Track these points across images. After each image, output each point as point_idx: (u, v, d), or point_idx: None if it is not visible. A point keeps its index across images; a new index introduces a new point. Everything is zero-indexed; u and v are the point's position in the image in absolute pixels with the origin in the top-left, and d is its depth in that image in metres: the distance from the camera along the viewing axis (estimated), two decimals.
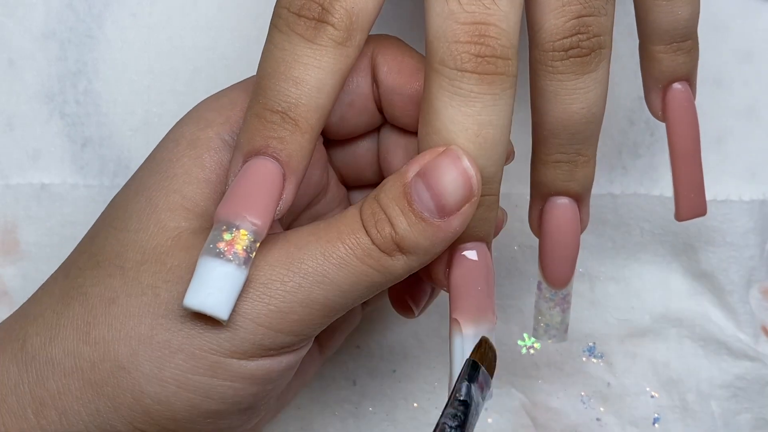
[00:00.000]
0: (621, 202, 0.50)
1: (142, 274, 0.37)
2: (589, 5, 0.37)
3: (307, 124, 0.36)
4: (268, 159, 0.36)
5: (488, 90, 0.36)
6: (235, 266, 0.35)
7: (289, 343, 0.37)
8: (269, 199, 0.36)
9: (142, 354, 0.36)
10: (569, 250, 0.42)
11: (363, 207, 0.37)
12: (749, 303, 0.50)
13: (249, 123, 0.36)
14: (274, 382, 0.38)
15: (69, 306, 0.37)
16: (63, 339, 0.37)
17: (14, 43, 0.50)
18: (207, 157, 0.39)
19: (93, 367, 0.36)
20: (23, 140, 0.50)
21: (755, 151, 0.51)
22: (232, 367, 0.36)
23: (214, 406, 0.36)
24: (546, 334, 0.44)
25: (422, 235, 0.36)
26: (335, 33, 0.36)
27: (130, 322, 0.36)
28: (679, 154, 0.43)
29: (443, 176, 0.36)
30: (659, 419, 0.50)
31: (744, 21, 0.50)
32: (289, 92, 0.36)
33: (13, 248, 0.50)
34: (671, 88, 0.42)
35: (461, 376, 0.36)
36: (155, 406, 0.36)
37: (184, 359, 0.36)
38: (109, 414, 0.36)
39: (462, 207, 0.36)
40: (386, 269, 0.36)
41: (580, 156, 0.40)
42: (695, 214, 0.44)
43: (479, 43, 0.35)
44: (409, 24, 0.50)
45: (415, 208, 0.36)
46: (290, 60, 0.36)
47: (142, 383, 0.36)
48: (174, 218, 0.38)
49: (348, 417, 0.50)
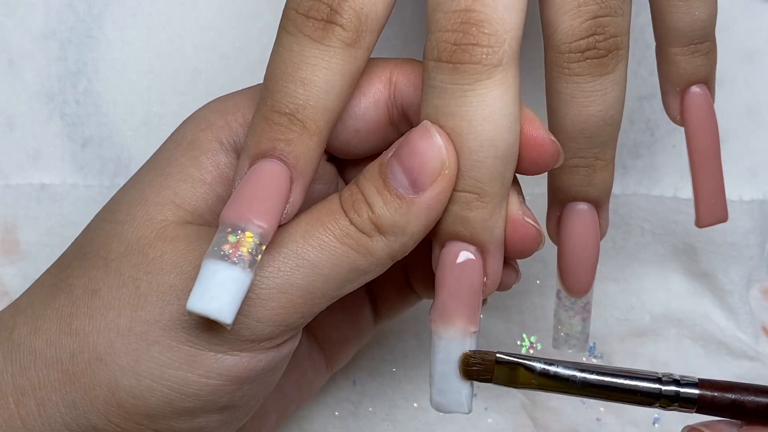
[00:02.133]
0: (621, 202, 0.50)
1: (124, 266, 0.36)
2: (605, 5, 0.37)
3: (315, 126, 0.35)
4: (275, 161, 0.36)
5: (460, 80, 0.35)
6: (240, 269, 0.34)
7: (269, 334, 0.36)
8: (276, 201, 0.35)
9: (119, 346, 0.36)
10: (589, 258, 0.41)
11: (342, 192, 0.37)
12: (749, 303, 0.50)
13: (256, 125, 0.36)
14: (252, 382, 0.37)
15: (55, 297, 0.37)
16: (47, 330, 0.37)
17: (14, 43, 0.50)
18: (204, 158, 0.38)
19: (72, 358, 0.36)
20: (23, 140, 0.50)
21: (756, 151, 0.51)
22: (208, 362, 0.35)
23: (188, 402, 0.36)
24: (566, 344, 0.43)
25: (398, 212, 0.36)
26: (344, 34, 0.35)
27: (110, 314, 0.36)
28: (699, 159, 0.42)
29: (414, 149, 0.36)
30: (659, 419, 0.50)
31: (745, 21, 0.50)
32: (296, 93, 0.35)
33: (13, 248, 0.50)
34: (689, 92, 0.41)
35: None
36: (130, 400, 0.36)
37: (161, 352, 0.35)
38: (85, 407, 0.36)
39: (435, 180, 0.36)
40: (367, 250, 0.36)
41: (598, 160, 0.39)
42: (716, 220, 0.43)
43: (458, 31, 0.35)
44: (409, 24, 0.50)
45: (390, 185, 0.36)
46: (298, 61, 0.35)
47: (117, 376, 0.35)
48: (162, 212, 0.37)
49: (348, 417, 0.50)
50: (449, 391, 0.38)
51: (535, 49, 0.40)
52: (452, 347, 0.37)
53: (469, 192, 0.36)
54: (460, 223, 0.37)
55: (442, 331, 0.37)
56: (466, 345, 0.37)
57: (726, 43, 0.50)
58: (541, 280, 0.50)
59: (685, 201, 0.50)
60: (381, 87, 0.39)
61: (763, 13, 0.50)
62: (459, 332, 0.37)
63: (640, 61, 0.50)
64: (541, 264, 0.50)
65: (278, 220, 0.35)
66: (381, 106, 0.39)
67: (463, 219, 0.36)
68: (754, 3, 0.50)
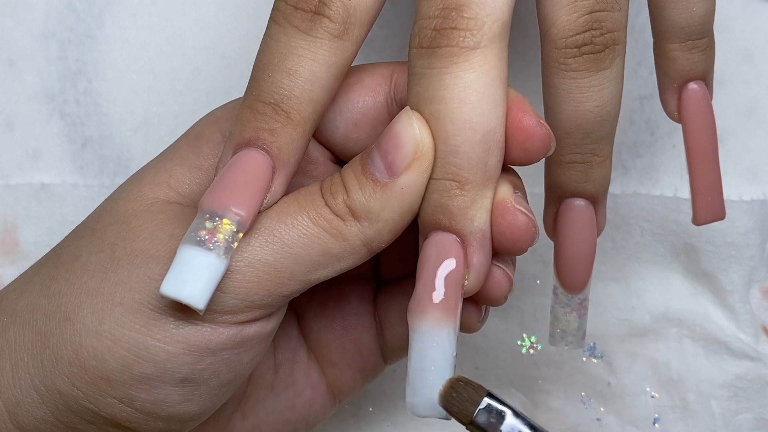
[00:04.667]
0: (621, 202, 0.50)
1: (107, 234, 0.37)
2: (602, 0, 0.36)
3: (299, 116, 0.36)
4: (257, 151, 0.36)
5: (436, 63, 0.35)
6: (216, 255, 0.34)
7: (231, 307, 0.36)
8: (255, 190, 0.35)
9: (86, 306, 0.36)
10: (585, 254, 0.40)
11: (324, 180, 0.37)
12: (749, 303, 0.50)
13: (241, 114, 0.36)
14: (213, 356, 0.36)
15: (43, 264, 0.38)
16: (30, 293, 0.37)
17: (14, 43, 0.50)
18: (205, 147, 0.39)
19: (45, 319, 0.36)
20: (23, 140, 0.50)
21: (756, 151, 0.51)
22: (167, 327, 0.35)
23: (146, 368, 0.35)
24: (563, 341, 0.42)
25: (372, 197, 0.36)
26: (331, 26, 0.36)
27: (84, 276, 0.36)
28: (697, 156, 0.42)
29: (391, 133, 0.36)
30: (659, 419, 0.50)
31: (745, 21, 0.50)
32: (281, 84, 0.36)
33: (13, 248, 0.50)
34: (687, 88, 0.41)
35: None
36: (91, 362, 0.36)
37: (123, 313, 0.35)
38: (51, 368, 0.36)
39: (410, 165, 0.36)
40: (340, 234, 0.36)
41: (595, 156, 0.38)
42: (714, 217, 0.42)
43: (439, 17, 0.35)
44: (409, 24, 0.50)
45: (367, 170, 0.36)
46: (285, 51, 0.36)
47: (81, 335, 0.36)
48: (154, 191, 0.38)
49: (348, 417, 0.50)
50: (423, 390, 0.36)
51: (535, 48, 0.40)
52: (426, 340, 0.36)
53: (449, 180, 0.36)
54: (440, 211, 0.36)
55: (416, 322, 0.36)
56: (442, 339, 0.36)
57: (726, 42, 0.50)
58: (541, 279, 0.50)
59: (685, 201, 0.50)
60: (382, 82, 0.39)
61: (762, 13, 0.50)
62: (433, 324, 0.36)
63: (641, 60, 0.50)
64: (541, 264, 0.50)
65: (257, 209, 0.35)
66: (381, 100, 0.39)
67: (442, 207, 0.36)
68: (753, 3, 0.50)
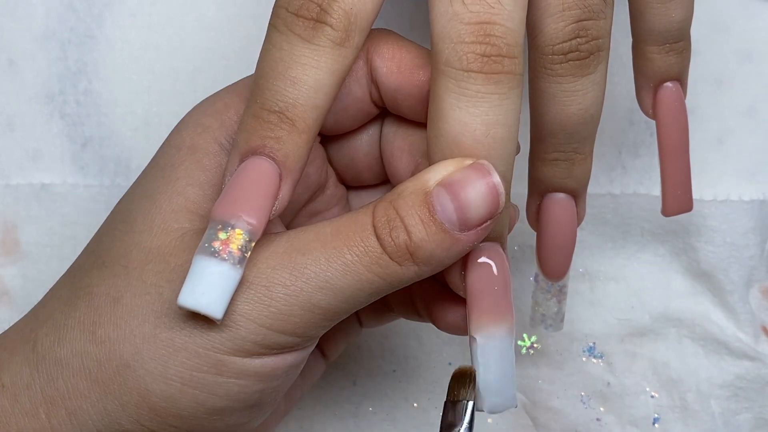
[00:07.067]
0: (621, 201, 0.50)
1: (146, 274, 0.37)
2: (588, 9, 0.37)
3: (304, 124, 0.36)
4: (264, 159, 0.36)
5: (495, 89, 0.36)
6: (230, 265, 0.35)
7: (291, 343, 0.37)
8: (265, 198, 0.36)
9: (146, 352, 0.36)
10: (566, 244, 0.43)
11: (376, 212, 0.36)
12: (749, 303, 0.50)
13: (246, 123, 0.36)
14: (279, 379, 0.38)
15: (76, 307, 0.38)
16: (71, 339, 0.37)
17: (14, 43, 0.50)
18: (207, 161, 0.39)
19: (99, 366, 0.36)
20: (23, 140, 0.50)
21: (755, 151, 0.51)
22: (236, 365, 0.36)
23: (219, 403, 0.36)
24: (542, 323, 0.45)
25: (440, 246, 0.36)
26: (333, 33, 0.36)
27: (134, 320, 0.36)
28: (668, 152, 0.43)
29: (471, 190, 0.36)
30: (659, 419, 0.50)
31: (744, 21, 0.50)
32: (286, 92, 0.36)
33: (13, 248, 0.50)
34: (662, 87, 0.43)
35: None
36: (161, 404, 0.36)
37: (188, 357, 0.36)
38: (116, 413, 0.36)
39: (485, 222, 0.36)
40: (393, 277, 0.36)
41: (577, 154, 0.40)
42: (681, 209, 0.44)
43: (484, 43, 0.35)
44: (409, 24, 0.50)
45: (437, 218, 0.36)
46: (288, 60, 0.36)
47: (147, 381, 0.36)
48: (177, 219, 0.38)
49: (348, 417, 0.50)
50: (504, 389, 0.38)
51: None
52: (506, 344, 0.38)
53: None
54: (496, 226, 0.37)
55: (495, 330, 0.37)
56: (512, 339, 0.38)
57: (725, 42, 0.50)
58: None
59: None
60: (361, 63, 0.40)
61: (762, 13, 0.50)
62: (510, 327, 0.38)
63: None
64: None
65: (268, 217, 0.36)
66: (363, 83, 0.40)
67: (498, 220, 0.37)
68: (752, 3, 0.51)
